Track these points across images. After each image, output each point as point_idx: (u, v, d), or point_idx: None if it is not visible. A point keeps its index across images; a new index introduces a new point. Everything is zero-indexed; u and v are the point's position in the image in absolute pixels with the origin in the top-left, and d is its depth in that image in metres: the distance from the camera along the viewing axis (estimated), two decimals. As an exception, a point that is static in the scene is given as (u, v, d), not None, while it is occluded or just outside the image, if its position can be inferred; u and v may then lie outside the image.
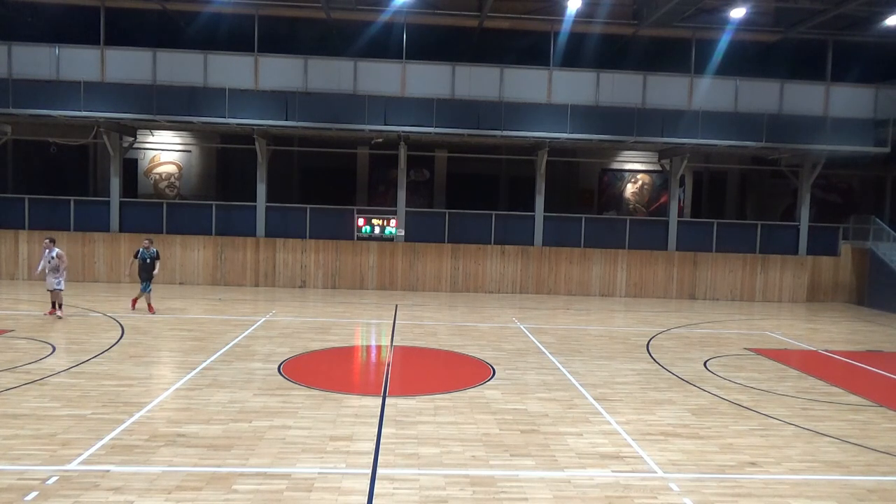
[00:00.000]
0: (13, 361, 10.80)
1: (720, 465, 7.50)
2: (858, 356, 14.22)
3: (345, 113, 20.80)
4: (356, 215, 22.59)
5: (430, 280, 22.61)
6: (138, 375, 10.30)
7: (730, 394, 10.52)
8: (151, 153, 25.95)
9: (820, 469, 7.51)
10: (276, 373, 10.77)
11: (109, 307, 16.62)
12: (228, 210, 22.54)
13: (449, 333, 14.92)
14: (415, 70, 21.13)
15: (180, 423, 8.09)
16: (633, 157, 27.43)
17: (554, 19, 21.32)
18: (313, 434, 7.93)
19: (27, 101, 20.05)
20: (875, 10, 19.93)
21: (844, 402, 10.40)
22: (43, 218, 21.76)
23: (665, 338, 15.39)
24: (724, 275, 23.31)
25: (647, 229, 23.65)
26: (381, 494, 6.36)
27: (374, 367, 12.37)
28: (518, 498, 6.43)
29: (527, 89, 21.32)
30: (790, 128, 21.71)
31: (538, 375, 11.26)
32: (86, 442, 7.37)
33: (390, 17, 21.08)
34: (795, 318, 19.72)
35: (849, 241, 24.13)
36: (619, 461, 7.46)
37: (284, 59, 21.03)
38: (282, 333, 14.10)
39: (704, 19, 21.12)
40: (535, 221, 22.88)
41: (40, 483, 6.30)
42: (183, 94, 20.47)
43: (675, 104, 21.66)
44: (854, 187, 28.37)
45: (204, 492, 6.26)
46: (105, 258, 21.71)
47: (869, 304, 23.27)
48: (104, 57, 20.47)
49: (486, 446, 7.77)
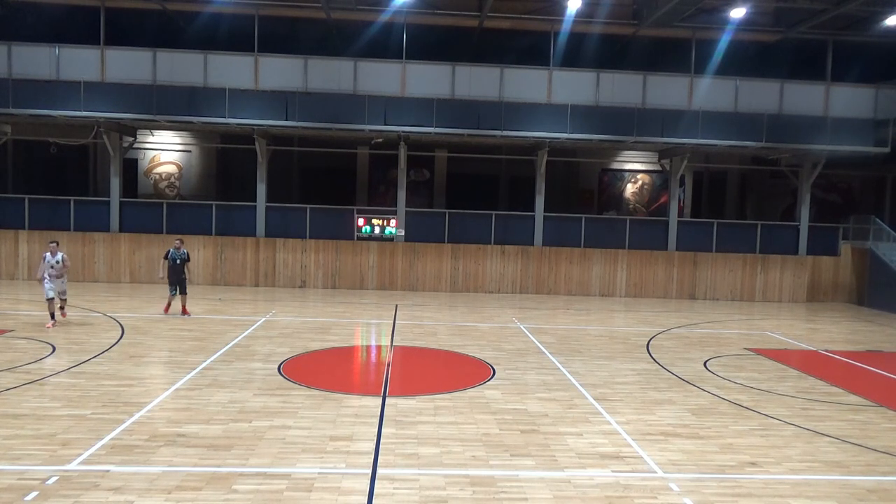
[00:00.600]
0: (13, 361, 10.80)
1: (720, 465, 7.50)
2: (858, 356, 14.22)
3: (345, 113, 20.80)
4: (356, 215, 22.59)
5: (430, 280, 22.61)
6: (138, 375, 10.30)
7: (730, 394, 10.51)
8: (151, 153, 25.95)
9: (820, 469, 7.50)
10: (276, 373, 10.77)
11: (109, 307, 16.62)
12: (228, 210, 22.54)
13: (449, 333, 14.92)
14: (415, 70, 21.13)
15: (180, 423, 8.09)
16: (633, 157, 27.42)
17: (554, 19, 21.32)
18: (313, 434, 7.92)
19: (27, 101, 20.05)
20: (875, 10, 19.92)
21: (844, 402, 10.40)
22: (43, 218, 21.77)
23: (665, 338, 15.39)
24: (724, 275, 23.31)
25: (647, 229, 23.65)
26: (381, 494, 6.36)
27: (374, 367, 12.37)
28: (518, 498, 6.43)
29: (527, 89, 21.32)
30: (790, 128, 21.71)
31: (538, 375, 11.26)
32: (86, 442, 7.37)
33: (390, 17, 21.07)
34: (795, 318, 19.72)
35: (849, 241, 24.13)
36: (619, 461, 7.46)
37: (284, 59, 21.03)
38: (282, 333, 14.10)
39: (704, 19, 21.12)
40: (535, 221, 22.88)
41: (40, 483, 6.30)
42: (183, 94, 20.47)
43: (675, 104, 21.66)
44: (854, 187, 28.36)
45: (204, 492, 6.26)
46: (105, 258, 21.72)
47: (869, 304, 23.27)
48: (104, 57, 20.48)
49: (486, 446, 7.77)
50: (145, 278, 21.75)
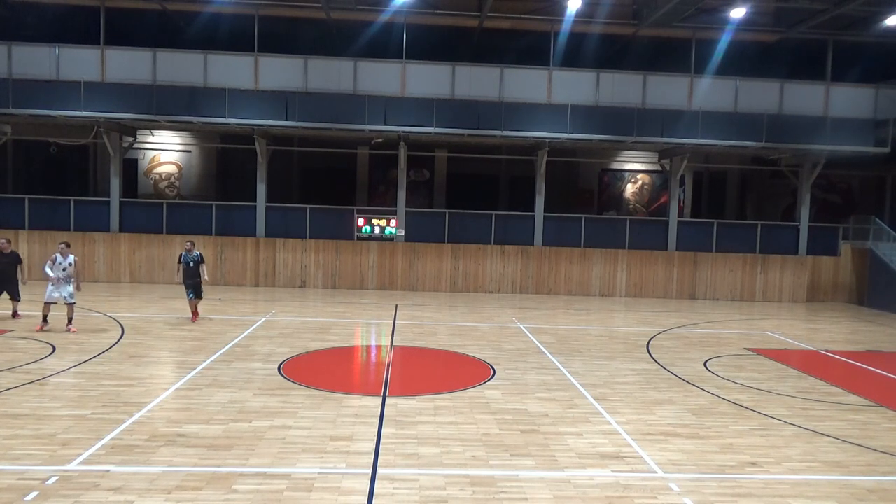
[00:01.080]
0: (13, 361, 10.79)
1: (720, 465, 7.50)
2: (858, 356, 14.22)
3: (345, 113, 20.80)
4: (356, 215, 22.59)
5: (430, 280, 22.61)
6: (138, 375, 10.29)
7: (730, 394, 10.51)
8: (151, 153, 25.94)
9: (820, 469, 7.50)
10: (276, 373, 10.76)
11: (109, 307, 16.62)
12: (228, 210, 22.54)
13: (449, 333, 14.92)
14: (415, 70, 21.13)
15: (180, 423, 8.09)
16: (633, 157, 27.42)
17: (554, 19, 21.31)
18: (313, 434, 7.92)
19: (27, 101, 20.05)
20: (875, 10, 19.92)
21: (844, 402, 10.40)
22: (43, 218, 21.77)
23: (665, 338, 15.39)
24: (724, 275, 23.31)
25: (647, 229, 23.65)
26: (381, 494, 6.35)
27: (374, 367, 12.37)
28: (518, 498, 6.43)
29: (527, 89, 21.31)
30: (790, 128, 21.71)
31: (538, 375, 11.25)
32: (86, 442, 7.37)
33: (390, 17, 21.07)
34: (795, 318, 19.71)
35: (849, 241, 24.12)
36: (619, 461, 7.46)
37: (284, 59, 21.03)
38: (282, 333, 14.10)
39: (704, 19, 21.12)
40: (535, 221, 22.87)
41: (40, 483, 6.30)
42: (183, 94, 20.47)
43: (675, 104, 21.66)
44: (854, 187, 28.36)
45: (204, 492, 6.26)
46: (105, 258, 21.71)
47: (869, 304, 23.27)
48: (104, 57, 20.47)
49: (486, 446, 7.77)
50: (145, 278, 21.76)
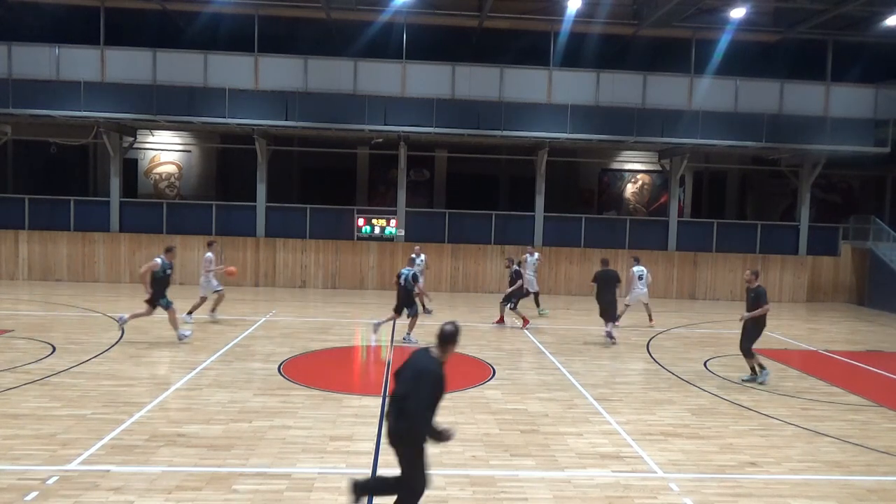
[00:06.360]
0: (13, 361, 10.79)
1: (720, 465, 7.50)
2: (858, 356, 14.22)
3: (345, 113, 20.79)
4: (356, 215, 22.59)
5: (430, 280, 22.52)
6: (138, 375, 10.29)
7: (730, 394, 10.51)
8: (151, 153, 25.95)
9: (820, 469, 7.50)
10: (276, 373, 10.76)
11: (109, 307, 16.61)
12: (228, 210, 22.54)
13: (449, 333, 14.87)
14: (415, 70, 21.12)
15: (180, 423, 8.09)
16: (633, 157, 27.42)
17: (554, 19, 21.30)
18: (313, 434, 7.92)
19: (27, 101, 20.04)
20: (875, 10, 19.91)
21: (844, 402, 10.40)
22: (43, 218, 21.76)
23: (665, 338, 15.40)
24: (724, 275, 23.31)
25: (647, 229, 23.64)
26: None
27: (374, 367, 12.36)
28: (518, 498, 6.43)
29: (527, 89, 21.30)
30: (790, 128, 21.70)
31: (538, 375, 11.26)
32: (86, 442, 7.37)
33: (390, 17, 21.06)
34: (795, 318, 19.70)
35: (849, 241, 24.12)
36: (619, 461, 7.46)
37: (284, 59, 21.01)
38: (282, 333, 14.10)
39: (704, 19, 21.10)
40: (535, 221, 22.87)
41: (40, 483, 6.30)
42: (183, 94, 20.46)
43: (675, 104, 21.64)
44: (854, 187, 28.37)
45: (204, 492, 6.26)
46: (105, 258, 21.70)
47: (869, 304, 23.26)
48: (104, 57, 20.46)
49: (486, 446, 7.77)
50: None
